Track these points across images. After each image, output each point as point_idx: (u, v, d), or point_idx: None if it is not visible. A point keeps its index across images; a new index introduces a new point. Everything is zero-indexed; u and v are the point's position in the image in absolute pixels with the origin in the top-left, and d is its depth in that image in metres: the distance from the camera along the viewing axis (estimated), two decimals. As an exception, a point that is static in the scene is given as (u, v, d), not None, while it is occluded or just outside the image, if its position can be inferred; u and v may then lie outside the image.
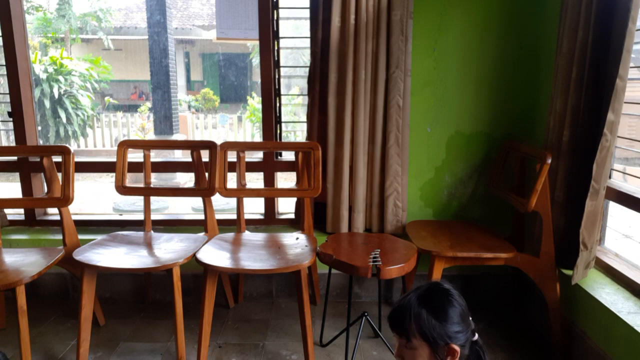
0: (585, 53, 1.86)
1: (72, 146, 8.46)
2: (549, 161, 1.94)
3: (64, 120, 8.39)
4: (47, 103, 8.17)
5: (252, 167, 2.62)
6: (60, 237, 2.19)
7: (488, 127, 2.51)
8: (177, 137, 7.66)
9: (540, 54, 2.41)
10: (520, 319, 2.43)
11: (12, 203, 2.30)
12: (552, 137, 2.06)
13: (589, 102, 1.88)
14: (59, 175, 2.18)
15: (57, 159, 2.18)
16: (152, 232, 2.34)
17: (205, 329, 1.98)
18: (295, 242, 2.18)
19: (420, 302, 1.10)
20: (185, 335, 1.99)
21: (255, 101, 9.67)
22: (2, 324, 2.31)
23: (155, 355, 2.11)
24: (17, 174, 2.67)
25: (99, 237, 2.20)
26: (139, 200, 2.34)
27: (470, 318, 1.16)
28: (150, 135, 8.58)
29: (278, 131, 2.65)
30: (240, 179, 2.36)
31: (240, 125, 9.98)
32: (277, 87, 2.59)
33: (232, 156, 2.38)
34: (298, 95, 6.26)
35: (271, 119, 2.59)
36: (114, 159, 2.35)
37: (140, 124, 9.92)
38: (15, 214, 2.73)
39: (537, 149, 2.17)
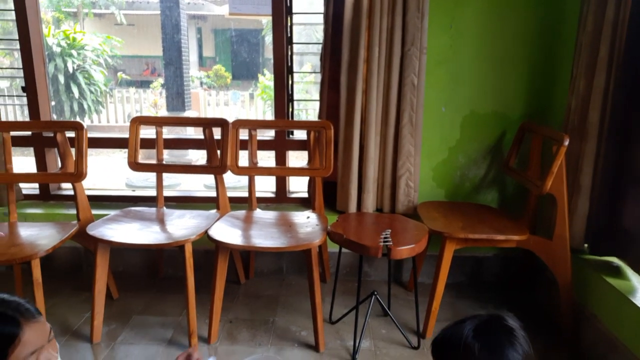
0: (616, 31, 1.80)
1: (86, 122, 8.52)
2: (567, 143, 1.90)
3: (77, 95, 8.42)
4: (61, 78, 8.19)
5: (264, 145, 2.61)
6: (74, 211, 2.22)
7: (504, 107, 2.46)
8: (189, 113, 7.66)
9: (560, 32, 2.33)
10: (530, 302, 2.43)
11: (26, 178, 2.32)
12: (574, 118, 2.01)
13: (621, 83, 1.82)
14: (73, 150, 2.19)
15: (71, 134, 2.19)
16: (164, 208, 2.36)
17: (216, 304, 2.01)
18: (306, 221, 2.18)
19: (476, 334, 0.90)
20: (197, 310, 2.02)
21: (266, 78, 9.59)
22: (20, 294, 2.37)
23: (167, 328, 2.15)
24: (31, 149, 2.69)
25: (112, 213, 2.23)
26: (151, 177, 2.36)
27: None
28: (163, 112, 8.59)
29: (290, 109, 2.63)
30: (252, 157, 2.36)
31: (252, 103, 9.94)
32: (289, 64, 2.56)
33: (243, 134, 2.37)
34: (310, 72, 6.19)
35: (283, 96, 2.57)
36: (126, 135, 2.36)
37: (153, 100, 9.93)
38: (30, 188, 2.77)
39: (555, 130, 2.12)
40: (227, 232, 2.02)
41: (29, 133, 2.64)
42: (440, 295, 2.07)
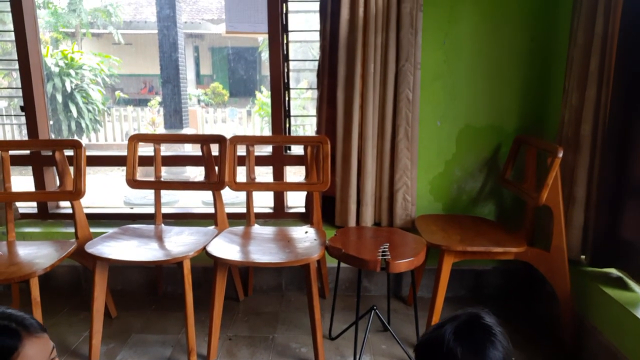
0: (605, 44, 1.83)
1: (84, 140, 8.53)
2: (561, 155, 1.92)
3: (75, 114, 8.46)
4: (59, 97, 8.23)
5: (262, 161, 2.62)
6: (72, 230, 2.22)
7: (499, 121, 2.49)
8: (187, 131, 7.69)
9: (552, 46, 2.38)
10: (531, 314, 2.42)
11: (25, 197, 2.33)
12: (568, 131, 2.03)
13: (613, 95, 1.85)
14: (71, 169, 2.20)
15: (69, 152, 2.20)
16: (162, 225, 2.36)
17: (215, 322, 2.00)
18: (305, 236, 2.18)
19: (457, 337, 0.90)
20: (196, 328, 2.00)
21: (264, 95, 9.66)
22: (17, 315, 2.35)
23: (167, 346, 2.13)
24: (29, 168, 2.70)
25: (110, 230, 2.23)
26: (149, 194, 2.37)
27: None
28: (161, 129, 8.63)
29: (287, 125, 2.65)
30: (250, 173, 2.37)
31: (250, 120, 10.00)
32: (286, 81, 2.59)
33: (241, 150, 2.39)
34: (307, 89, 6.25)
35: (280, 113, 2.59)
36: (124, 153, 2.37)
37: (151, 118, 9.97)
38: (28, 207, 2.76)
39: (549, 142, 2.15)
40: (225, 248, 2.02)
41: (27, 152, 2.65)
42: (439, 309, 2.06)
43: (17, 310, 0.94)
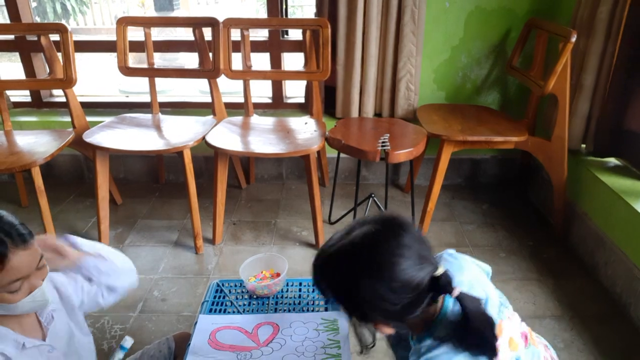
0: None
1: (71, 24, 8.09)
2: (574, 39, 1.82)
3: (59, -5, 7.91)
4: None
5: (257, 46, 2.50)
6: (68, 119, 2.19)
7: (511, 3, 2.32)
8: (177, 13, 7.27)
9: None
10: (524, 201, 2.50)
11: (15, 84, 2.26)
12: (583, 13, 1.90)
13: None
14: (60, 55, 2.11)
15: (56, 37, 2.09)
16: (159, 114, 2.33)
17: (219, 208, 2.07)
18: (304, 127, 2.16)
19: (359, 243, 0.81)
20: (201, 214, 2.07)
21: (259, -27, 8.95)
22: (25, 202, 2.42)
23: (173, 231, 2.23)
24: (18, 55, 2.58)
25: (107, 120, 2.20)
26: (144, 82, 2.30)
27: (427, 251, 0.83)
28: (151, 12, 8.13)
29: (284, 7, 2.47)
30: (246, 60, 2.27)
31: (244, 1, 9.40)
32: (282, -45, 2.36)
33: (235, 35, 2.26)
34: (306, -35, 5.76)
35: (277, -8, 2.41)
36: (114, 38, 2.25)
37: (140, 0, 9.35)
38: (21, 96, 2.70)
39: (562, 26, 2.02)
40: (225, 138, 2.01)
41: (12, 37, 2.51)
42: (436, 196, 2.12)
43: (8, 214, 0.89)
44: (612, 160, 2.03)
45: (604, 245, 1.85)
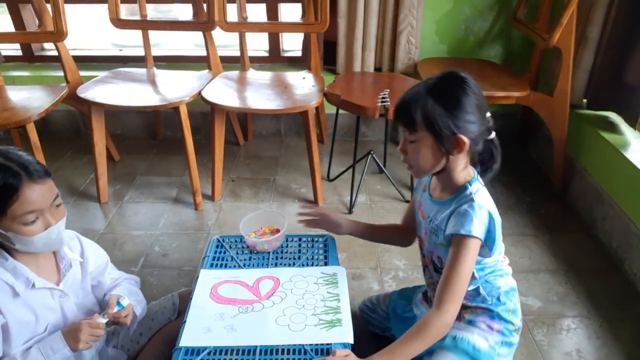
0: None
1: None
2: (582, -10, 1.76)
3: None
4: None
5: (254, -3, 2.41)
6: (61, 73, 2.14)
7: (518, -50, 2.22)
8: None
9: None
10: (524, 156, 2.49)
11: (4, 37, 2.19)
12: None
13: None
14: (49, 7, 2.03)
15: (43, -13, 2.01)
16: (154, 68, 2.27)
17: (217, 164, 2.06)
18: (302, 82, 2.11)
19: (429, 90, 1.00)
20: (199, 170, 2.06)
21: None
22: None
23: (172, 187, 2.23)
24: (5, 7, 2.49)
25: (101, 74, 2.15)
26: (138, 35, 2.23)
27: (489, 114, 1.08)
28: (142, -39, 7.80)
29: (282, -46, 2.37)
30: (241, 12, 2.19)
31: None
32: None
33: (232, -16, 2.17)
34: None
35: (273, -61, 2.30)
36: (104, -12, 2.16)
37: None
38: (11, 49, 2.63)
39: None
40: (221, 93, 1.98)
41: (-3, -13, 2.42)
42: (436, 153, 2.10)
43: (25, 154, 0.94)
44: (611, 115, 2.01)
45: (602, 200, 1.86)
